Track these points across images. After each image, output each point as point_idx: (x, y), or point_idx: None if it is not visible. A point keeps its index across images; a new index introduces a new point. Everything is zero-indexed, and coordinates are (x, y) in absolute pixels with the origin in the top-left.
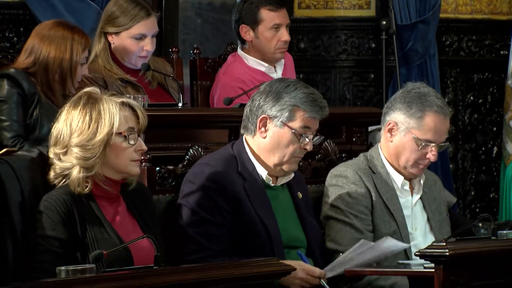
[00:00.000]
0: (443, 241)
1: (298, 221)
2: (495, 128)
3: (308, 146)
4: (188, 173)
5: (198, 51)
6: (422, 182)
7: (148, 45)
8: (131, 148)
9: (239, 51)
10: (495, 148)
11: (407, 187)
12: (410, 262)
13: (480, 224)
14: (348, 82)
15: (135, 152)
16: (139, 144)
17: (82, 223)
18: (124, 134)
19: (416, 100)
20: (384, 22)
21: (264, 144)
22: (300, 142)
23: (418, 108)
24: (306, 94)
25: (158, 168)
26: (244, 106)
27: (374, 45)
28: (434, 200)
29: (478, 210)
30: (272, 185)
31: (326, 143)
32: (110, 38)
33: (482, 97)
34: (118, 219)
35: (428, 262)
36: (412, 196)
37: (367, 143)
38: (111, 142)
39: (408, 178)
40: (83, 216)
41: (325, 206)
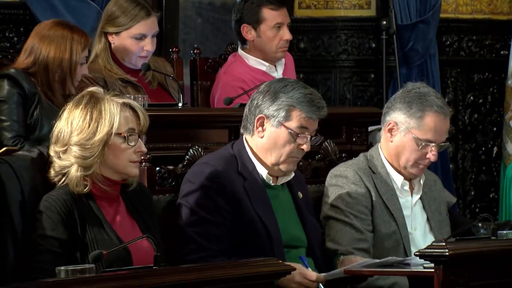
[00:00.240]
0: (443, 241)
1: (298, 220)
2: (495, 128)
3: (305, 147)
4: (188, 172)
5: (198, 51)
6: (422, 182)
7: (148, 45)
8: (130, 149)
9: (240, 51)
10: (495, 148)
11: (407, 187)
12: (410, 262)
13: (480, 224)
14: (348, 82)
15: (134, 154)
16: (138, 146)
17: (82, 223)
18: (123, 135)
19: (416, 100)
20: (384, 22)
21: (262, 143)
22: (297, 142)
23: (418, 108)
24: (304, 94)
25: (158, 168)
26: (244, 106)
27: (374, 45)
28: (434, 200)
29: (478, 210)
30: (273, 184)
31: (326, 143)
32: (110, 38)
33: (482, 97)
34: (117, 219)
35: (428, 262)
36: (412, 196)
37: (367, 143)
38: (110, 143)
39: (408, 178)
40: (83, 216)
41: (325, 206)
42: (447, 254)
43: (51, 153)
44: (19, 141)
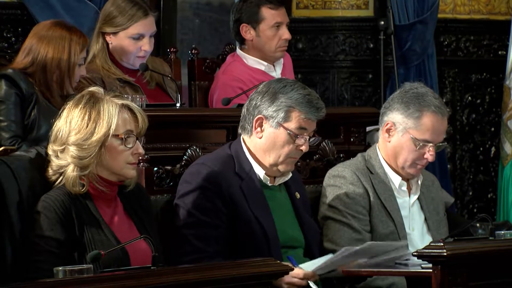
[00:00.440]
0: (441, 241)
1: (296, 221)
2: (493, 128)
3: (304, 147)
4: (185, 173)
5: (196, 51)
6: (419, 183)
7: (146, 45)
8: (128, 151)
9: (238, 51)
10: (493, 148)
11: (404, 188)
12: (408, 262)
13: (478, 224)
14: (346, 82)
15: (131, 155)
16: (136, 148)
17: (79, 223)
18: (121, 137)
19: (414, 100)
20: (382, 22)
21: (260, 144)
22: (296, 143)
23: (416, 108)
24: (302, 95)
25: (156, 169)
26: (242, 106)
27: (372, 45)
28: (431, 200)
29: (476, 210)
30: (270, 185)
31: (324, 143)
32: (108, 38)
33: (480, 97)
34: (115, 220)
35: (426, 262)
36: (409, 196)
37: (365, 143)
38: (107, 144)
39: (406, 179)
40: (81, 216)
41: (323, 207)
42: (445, 254)
43: (50, 151)
44: (16, 141)
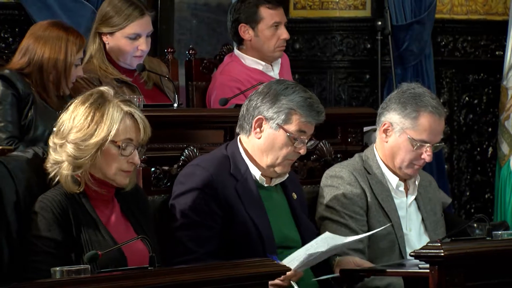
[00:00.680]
0: (438, 241)
1: (292, 221)
2: (490, 129)
3: (302, 150)
4: (180, 174)
5: (193, 51)
6: (417, 183)
7: (143, 44)
8: (123, 159)
9: (236, 51)
10: (490, 149)
11: (402, 188)
12: (405, 262)
13: (475, 225)
14: (344, 82)
15: (126, 163)
16: (132, 157)
17: (77, 224)
18: (118, 144)
19: (411, 101)
20: (379, 23)
21: (258, 144)
22: (294, 145)
23: (413, 109)
24: (304, 98)
25: (153, 169)
26: (239, 107)
27: (369, 45)
28: (429, 201)
29: (473, 210)
30: (266, 185)
31: (321, 143)
32: (104, 38)
33: (477, 97)
34: (112, 221)
35: (423, 263)
36: (407, 197)
37: (362, 143)
38: (104, 148)
39: (403, 179)
40: (78, 217)
41: (320, 207)
42: (442, 254)
43: (50, 143)
44: (13, 142)
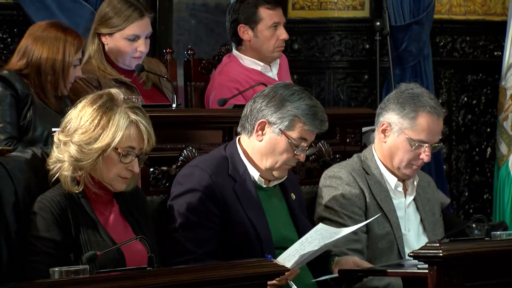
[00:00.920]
0: (436, 242)
1: (291, 222)
2: (489, 129)
3: (301, 157)
4: (178, 174)
5: (192, 52)
6: (415, 184)
7: (142, 46)
8: (123, 166)
9: (234, 52)
10: (489, 149)
11: (400, 188)
12: (404, 262)
13: (474, 225)
14: (342, 83)
15: (125, 170)
16: (131, 164)
17: (76, 224)
18: (119, 151)
19: (409, 101)
20: (378, 23)
21: (259, 147)
22: (294, 152)
23: (411, 109)
24: (309, 106)
25: (152, 169)
26: (238, 107)
27: (368, 46)
28: (427, 201)
29: (472, 211)
30: (264, 186)
31: (320, 144)
32: (103, 39)
33: (476, 98)
34: (111, 221)
35: (422, 263)
36: (405, 197)
37: (361, 144)
38: (106, 154)
39: (402, 179)
40: (77, 217)
41: (319, 207)
42: (441, 255)
43: (55, 139)
44: (12, 142)
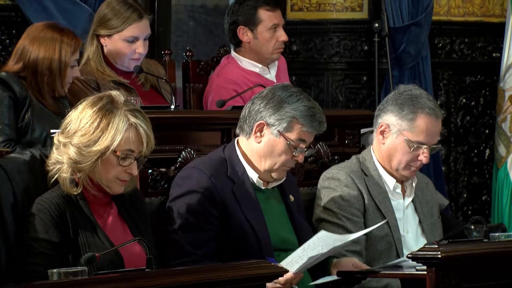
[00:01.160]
0: (435, 243)
1: (289, 223)
2: (487, 131)
3: (300, 158)
4: (177, 176)
5: (190, 53)
6: (414, 185)
7: (141, 47)
8: (121, 168)
9: (233, 53)
10: (488, 151)
11: (399, 190)
12: (403, 264)
13: (472, 227)
14: (341, 84)
15: (124, 172)
16: (130, 167)
17: (74, 226)
18: (118, 154)
19: (408, 102)
20: (376, 25)
21: (258, 149)
22: (293, 153)
23: (410, 110)
24: (307, 107)
25: (150, 171)
26: (237, 109)
27: (366, 47)
28: (426, 203)
29: (470, 212)
30: (263, 188)
31: (318, 145)
32: (102, 40)
33: (474, 99)
34: (109, 223)
35: (420, 265)
36: (404, 199)
37: (359, 145)
38: (104, 157)
39: (400, 181)
40: (75, 219)
41: (317, 209)
42: (440, 256)
43: (54, 140)
44: (10, 144)
